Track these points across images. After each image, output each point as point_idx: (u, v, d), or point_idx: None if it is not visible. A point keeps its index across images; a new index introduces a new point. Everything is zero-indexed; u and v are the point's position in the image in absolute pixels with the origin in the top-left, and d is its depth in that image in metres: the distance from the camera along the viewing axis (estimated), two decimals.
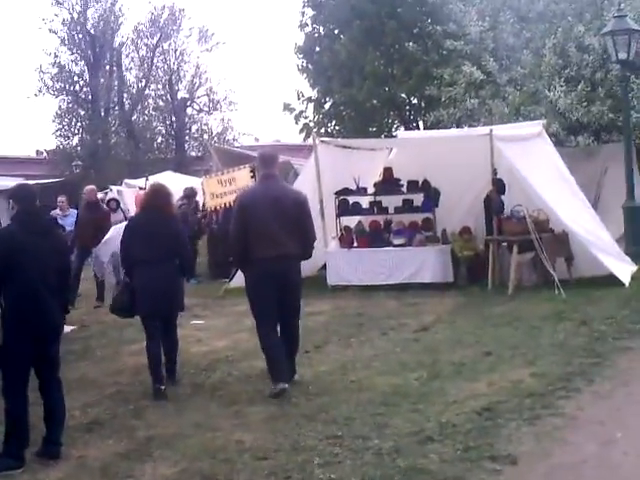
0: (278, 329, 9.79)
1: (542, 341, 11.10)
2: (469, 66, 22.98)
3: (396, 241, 17.40)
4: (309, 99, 30.42)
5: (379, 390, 9.13)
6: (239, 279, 17.64)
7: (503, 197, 17.00)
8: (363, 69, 27.82)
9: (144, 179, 31.42)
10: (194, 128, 55.11)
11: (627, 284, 15.02)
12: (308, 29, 30.91)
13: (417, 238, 17.22)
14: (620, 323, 12.02)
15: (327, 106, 30.44)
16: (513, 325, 12.44)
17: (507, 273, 15.95)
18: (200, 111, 55.14)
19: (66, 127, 51.72)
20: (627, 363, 9.77)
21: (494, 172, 16.33)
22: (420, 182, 17.82)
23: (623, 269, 15.69)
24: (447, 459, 6.76)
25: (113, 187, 33.61)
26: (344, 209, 18.22)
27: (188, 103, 54.62)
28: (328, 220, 17.79)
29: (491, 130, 16.23)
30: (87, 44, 50.92)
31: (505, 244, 16.41)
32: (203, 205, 21.81)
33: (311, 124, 30.21)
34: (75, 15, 50.95)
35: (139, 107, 53.74)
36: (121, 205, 23.55)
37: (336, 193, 18.07)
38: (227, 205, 19.41)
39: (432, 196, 17.58)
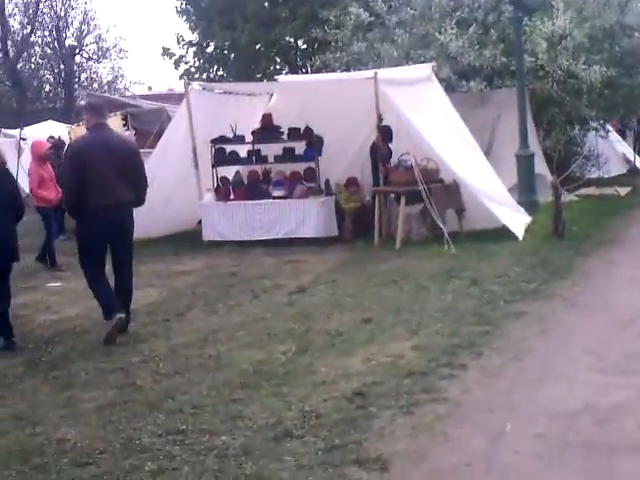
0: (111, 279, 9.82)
1: (428, 305, 9.97)
2: (356, 7, 21.72)
3: (275, 192, 16.11)
4: (190, 43, 28.78)
5: (239, 368, 7.90)
6: None
7: (391, 145, 15.90)
8: (245, 10, 26.29)
9: (19, 129, 29.78)
10: (83, 77, 53.21)
11: (520, 237, 14.05)
12: None
13: (298, 189, 15.95)
14: (513, 282, 10.98)
15: (209, 50, 28.82)
16: (398, 285, 11.31)
17: (395, 226, 14.86)
18: (89, 59, 53.16)
19: None
20: (520, 331, 8.68)
21: (379, 118, 15.20)
22: (302, 129, 16.49)
23: (517, 221, 14.77)
24: (304, 463, 5.54)
25: None
26: (220, 158, 16.77)
27: (76, 51, 52.44)
28: (204, 171, 16.47)
29: (376, 73, 15.04)
30: None
31: (392, 195, 15.31)
32: None
33: (192, 69, 28.62)
34: None
35: (25, 55, 51.42)
36: None
37: (212, 141, 16.66)
38: None
39: (315, 144, 16.25)
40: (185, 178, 16.39)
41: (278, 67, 28.96)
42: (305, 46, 28.24)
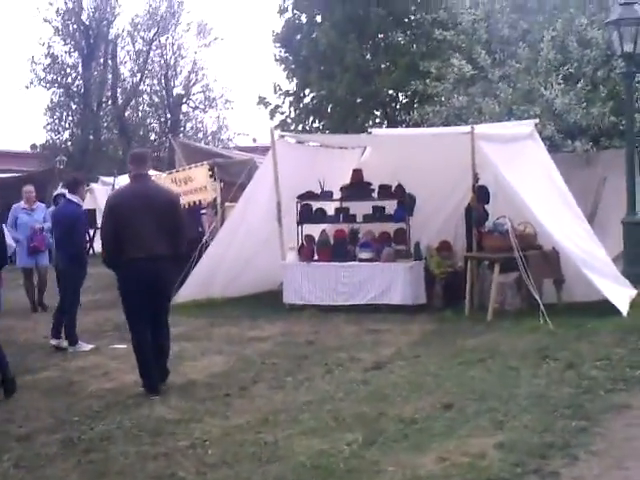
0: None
1: (517, 391, 8.83)
2: (459, 59, 20.86)
3: (362, 255, 15.15)
4: (287, 93, 28.08)
5: (295, 460, 6.90)
6: (188, 291, 15.70)
7: (488, 207, 14.81)
8: (344, 59, 25.53)
9: (112, 177, 29.78)
10: (189, 126, 53.71)
11: (625, 313, 12.79)
12: (288, 15, 28.56)
13: (386, 252, 14.96)
14: (616, 367, 9.71)
15: (307, 100, 28.07)
16: (486, 364, 10.19)
17: (488, 295, 13.78)
18: (196, 108, 53.78)
19: (57, 121, 50.59)
20: (623, 429, 7.47)
21: (475, 177, 14.18)
22: (393, 187, 15.61)
23: (621, 294, 13.47)
24: None
25: (92, 184, 32.17)
26: (306, 216, 15.98)
27: (184, 100, 52.99)
28: (289, 228, 15.64)
29: (472, 127, 14.06)
30: (81, 35, 49.75)
31: (486, 262, 14.23)
32: None
33: (288, 120, 27.93)
34: (70, 4, 49.73)
35: (133, 102, 52.16)
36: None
37: (298, 197, 15.89)
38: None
39: (406, 203, 15.33)
40: (268, 235, 15.62)
41: (377, 121, 27.95)
42: (406, 100, 27.31)
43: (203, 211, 18.92)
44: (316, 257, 15.63)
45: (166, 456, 7.18)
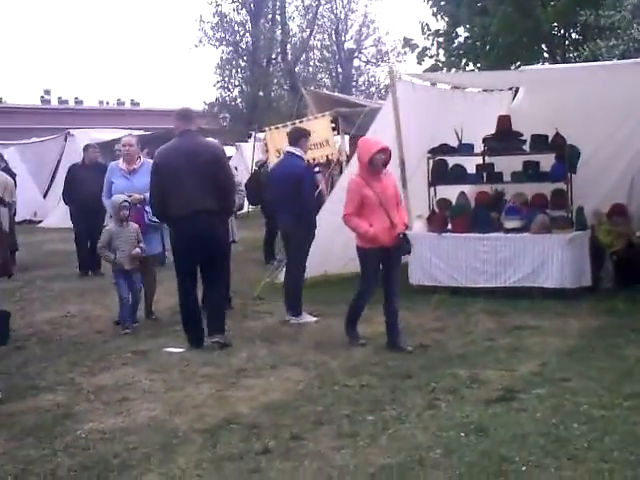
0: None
1: None
2: None
3: (509, 224, 12.05)
4: (436, 32, 24.66)
5: None
6: None
7: None
8: None
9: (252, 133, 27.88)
10: (361, 80, 52.65)
11: None
12: None
13: (538, 220, 11.72)
14: None
15: (460, 40, 24.74)
16: None
17: None
18: (367, 62, 52.73)
19: (226, 78, 50.33)
20: None
21: None
22: (550, 137, 12.34)
23: None
24: None
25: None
26: (440, 174, 12.86)
27: (355, 54, 51.88)
28: (417, 190, 12.55)
29: None
30: None
31: None
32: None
33: (439, 64, 24.70)
34: None
35: (303, 58, 52.22)
36: None
37: (430, 151, 12.82)
38: None
39: (568, 158, 12.04)
40: None
41: (540, 60, 24.37)
42: (574, 34, 23.70)
43: (317, 169, 15.80)
44: (450, 227, 12.54)
45: None
